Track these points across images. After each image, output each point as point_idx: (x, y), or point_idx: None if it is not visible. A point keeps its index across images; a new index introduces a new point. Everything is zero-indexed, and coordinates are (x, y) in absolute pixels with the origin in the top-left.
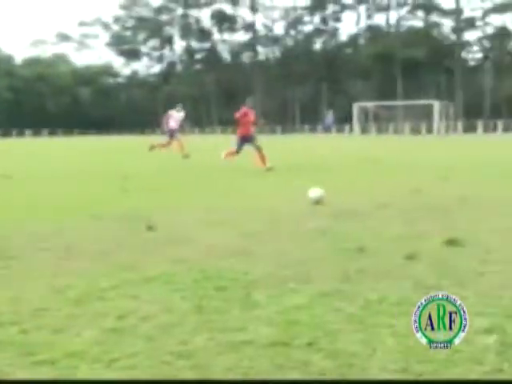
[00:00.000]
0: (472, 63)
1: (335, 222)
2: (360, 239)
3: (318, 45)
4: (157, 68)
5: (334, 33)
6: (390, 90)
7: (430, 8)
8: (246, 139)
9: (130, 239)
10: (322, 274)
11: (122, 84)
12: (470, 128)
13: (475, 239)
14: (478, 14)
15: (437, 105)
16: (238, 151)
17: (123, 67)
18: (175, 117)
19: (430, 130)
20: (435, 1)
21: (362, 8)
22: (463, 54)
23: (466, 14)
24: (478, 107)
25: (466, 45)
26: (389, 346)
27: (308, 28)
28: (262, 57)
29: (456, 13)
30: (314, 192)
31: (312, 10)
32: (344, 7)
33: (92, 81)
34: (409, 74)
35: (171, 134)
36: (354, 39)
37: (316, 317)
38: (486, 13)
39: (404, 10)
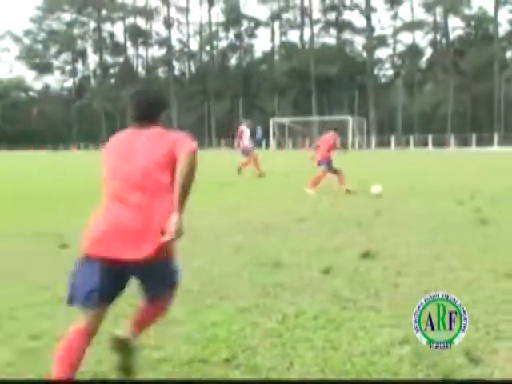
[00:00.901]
0: (384, 80)
1: (253, 238)
2: (278, 254)
3: (233, 61)
4: (70, 82)
5: (249, 49)
6: (305, 105)
7: (342, 26)
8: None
9: (42, 258)
10: (240, 289)
11: (34, 98)
12: (383, 143)
13: (390, 252)
14: (389, 32)
15: (351, 120)
16: (332, 171)
17: (35, 81)
18: (247, 133)
19: (344, 145)
20: (347, 19)
21: (276, 25)
22: (375, 71)
23: (378, 32)
24: (391, 123)
25: (377, 62)
26: (306, 360)
27: (223, 44)
28: (177, 72)
29: (367, 31)
30: (376, 188)
31: (227, 26)
32: (258, 24)
33: (3, 95)
34: (323, 90)
35: (246, 151)
36: (268, 55)
37: (234, 333)
38: (397, 31)
39: (317, 28)
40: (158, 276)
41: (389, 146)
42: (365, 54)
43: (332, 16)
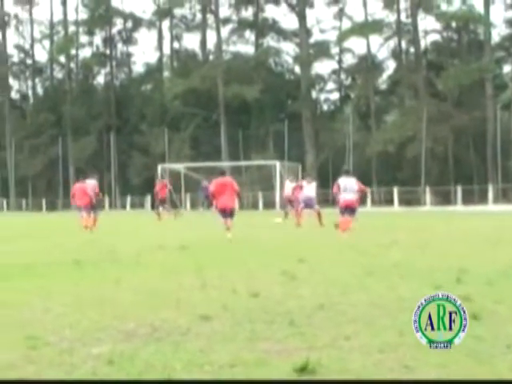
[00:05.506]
0: (327, 107)
1: (131, 347)
2: (170, 370)
3: (100, 78)
4: None
5: (125, 61)
6: (210, 144)
7: (263, 28)
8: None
9: None
10: None
11: None
12: (326, 199)
13: (338, 363)
14: (332, 36)
15: (279, 166)
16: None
17: None
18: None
19: (270, 204)
20: (271, 17)
21: (165, 25)
22: (313, 94)
23: (316, 36)
24: (337, 170)
25: (317, 80)
26: None
27: (85, 53)
28: (15, 95)
29: (301, 35)
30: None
31: (91, 26)
32: (138, 23)
33: None
34: (237, 122)
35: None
36: (154, 70)
37: None
38: (344, 36)
39: (226, 30)
40: None
41: (334, 205)
42: (298, 69)
43: (248, 13)
